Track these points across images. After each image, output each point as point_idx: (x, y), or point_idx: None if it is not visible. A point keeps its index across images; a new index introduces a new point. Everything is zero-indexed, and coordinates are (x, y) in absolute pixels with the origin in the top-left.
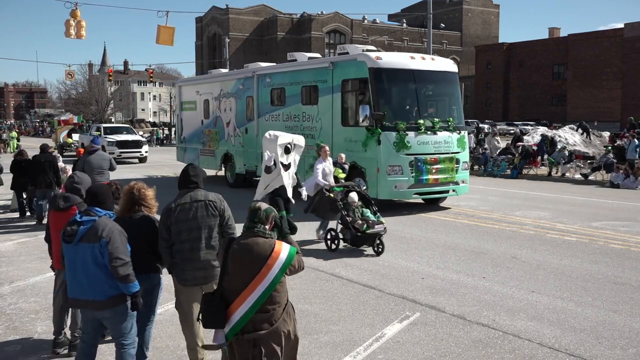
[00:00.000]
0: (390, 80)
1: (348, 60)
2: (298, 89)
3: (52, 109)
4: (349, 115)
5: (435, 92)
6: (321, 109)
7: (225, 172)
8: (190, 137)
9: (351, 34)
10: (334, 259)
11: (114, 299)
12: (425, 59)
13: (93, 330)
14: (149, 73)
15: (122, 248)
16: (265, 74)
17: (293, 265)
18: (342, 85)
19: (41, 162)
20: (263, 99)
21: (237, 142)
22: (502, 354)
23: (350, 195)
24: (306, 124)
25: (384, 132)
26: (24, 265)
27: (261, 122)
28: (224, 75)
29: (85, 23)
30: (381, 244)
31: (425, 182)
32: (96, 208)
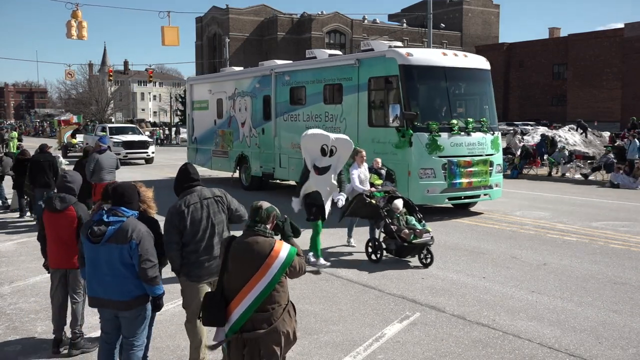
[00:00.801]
0: (421, 78)
1: (376, 57)
2: (320, 87)
3: (52, 109)
4: (376, 115)
5: (468, 91)
6: (345, 108)
7: (239, 174)
8: (202, 137)
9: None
10: (334, 259)
11: (138, 300)
12: (458, 56)
13: (113, 330)
14: (148, 73)
15: (152, 250)
16: (284, 72)
17: (293, 267)
18: (369, 84)
19: (40, 162)
20: (281, 98)
21: (253, 143)
22: (502, 354)
23: (395, 202)
24: (329, 125)
25: (415, 133)
26: (24, 265)
27: (279, 122)
28: (238, 73)
29: (87, 24)
30: (429, 255)
31: (459, 186)
32: (123, 208)
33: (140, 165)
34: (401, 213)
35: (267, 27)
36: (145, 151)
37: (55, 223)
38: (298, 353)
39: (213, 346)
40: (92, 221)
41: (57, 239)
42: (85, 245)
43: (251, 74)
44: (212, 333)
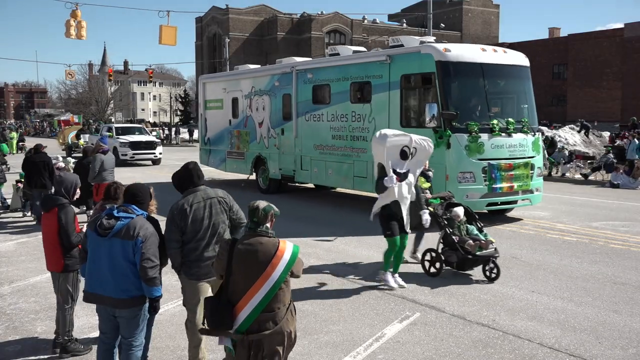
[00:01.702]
0: (460, 75)
1: (410, 53)
2: (346, 85)
3: (52, 109)
4: (410, 115)
5: (507, 89)
6: (375, 107)
7: (256, 177)
8: (215, 138)
9: (351, 34)
10: (334, 259)
11: (135, 300)
12: (497, 52)
13: (111, 330)
14: (148, 73)
15: (155, 251)
16: (306, 69)
17: (295, 267)
18: (401, 81)
19: (35, 163)
20: (303, 97)
21: (272, 144)
22: (502, 354)
23: (455, 210)
24: (356, 125)
25: (454, 134)
26: (24, 265)
27: (301, 123)
28: (256, 71)
29: (86, 23)
30: (496, 268)
31: (499, 190)
32: (133, 206)
33: (144, 166)
34: (461, 222)
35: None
36: (153, 152)
37: (44, 223)
38: (298, 353)
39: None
40: (101, 215)
41: (45, 240)
42: (91, 238)
43: (270, 71)
44: None
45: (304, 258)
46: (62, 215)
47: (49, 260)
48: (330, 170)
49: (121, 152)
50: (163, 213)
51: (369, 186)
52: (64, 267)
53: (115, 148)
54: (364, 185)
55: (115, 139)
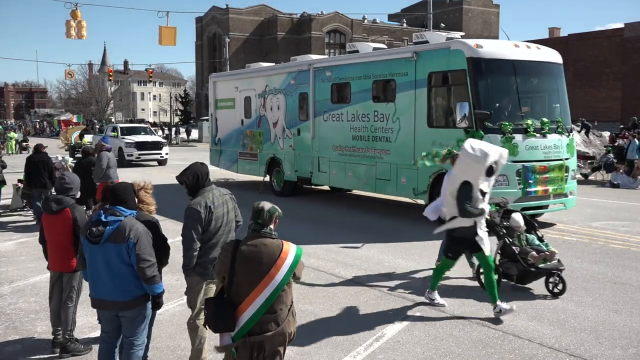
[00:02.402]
0: (492, 72)
1: (438, 49)
2: (368, 83)
3: (52, 109)
4: (438, 115)
5: (541, 87)
6: (399, 107)
7: (270, 179)
8: (226, 138)
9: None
10: (334, 258)
11: (138, 299)
12: (531, 48)
13: (113, 329)
14: (148, 73)
15: (149, 249)
16: (324, 66)
17: (297, 269)
18: (428, 79)
19: (35, 163)
20: (321, 96)
21: (287, 145)
22: (502, 354)
23: (514, 217)
24: (378, 125)
25: (486, 134)
26: (24, 265)
27: (318, 123)
28: (270, 69)
29: (86, 23)
30: (561, 283)
31: (534, 194)
32: (120, 207)
33: (145, 166)
34: (521, 231)
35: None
36: (159, 152)
37: (52, 225)
38: (298, 353)
39: (220, 348)
40: (90, 222)
41: (53, 241)
42: (85, 246)
43: (285, 69)
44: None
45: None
46: (78, 215)
47: (57, 260)
48: (350, 172)
49: (127, 152)
50: (163, 214)
51: (392, 189)
52: (76, 267)
53: (120, 148)
54: (387, 188)
55: (121, 139)
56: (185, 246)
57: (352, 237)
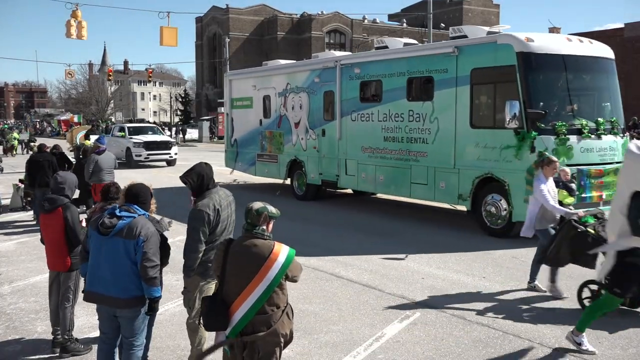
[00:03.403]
0: (544, 68)
1: (483, 43)
2: (402, 81)
3: (52, 109)
4: (482, 114)
5: (594, 85)
6: (438, 105)
7: (291, 182)
8: (243, 139)
9: (351, 34)
10: (334, 259)
11: (136, 300)
12: (583, 42)
13: (112, 330)
14: (148, 73)
15: (156, 251)
16: (352, 63)
17: (290, 270)
18: (472, 76)
19: (39, 162)
20: (349, 94)
21: (310, 146)
22: (502, 354)
23: None
24: (414, 126)
25: (539, 136)
26: (24, 265)
27: (346, 123)
28: (292, 66)
29: (86, 23)
30: None
31: (589, 200)
32: (135, 206)
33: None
34: None
35: (267, 27)
36: (168, 152)
37: (46, 224)
38: (298, 353)
39: (210, 349)
40: (103, 214)
41: (48, 240)
42: (93, 237)
43: (308, 66)
44: (213, 334)
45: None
46: (69, 215)
47: (53, 260)
48: (382, 176)
49: (135, 152)
50: (163, 214)
51: (429, 194)
52: (70, 266)
53: (128, 149)
54: (423, 193)
55: (128, 139)
56: (191, 248)
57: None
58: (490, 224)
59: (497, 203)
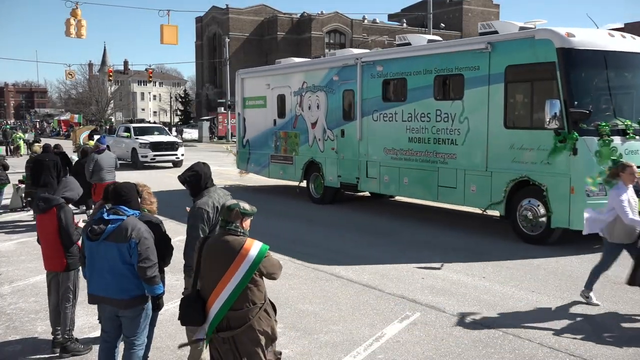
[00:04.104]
0: (586, 65)
1: (519, 39)
2: (429, 79)
3: (52, 109)
4: (518, 114)
5: (636, 82)
6: (469, 105)
7: (307, 184)
8: (256, 140)
9: (351, 34)
10: (334, 258)
11: (137, 299)
12: (626, 38)
13: (113, 329)
14: (148, 73)
15: (151, 249)
16: (374, 61)
17: (264, 267)
18: (506, 73)
19: (44, 162)
20: (370, 93)
21: (328, 148)
22: (502, 354)
23: None
24: (442, 126)
25: (581, 137)
26: (24, 265)
27: (367, 123)
28: (309, 64)
29: (86, 22)
30: None
31: None
32: (123, 207)
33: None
34: None
35: (267, 27)
36: (175, 153)
37: (42, 224)
38: (298, 353)
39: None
40: (93, 220)
41: (44, 240)
42: (86, 244)
43: (327, 64)
44: None
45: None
46: (62, 215)
47: (48, 259)
48: (406, 179)
49: (141, 153)
50: (164, 214)
51: (458, 198)
52: (66, 267)
53: (134, 149)
54: (451, 197)
55: (134, 140)
56: (191, 246)
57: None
58: (526, 230)
59: (534, 208)
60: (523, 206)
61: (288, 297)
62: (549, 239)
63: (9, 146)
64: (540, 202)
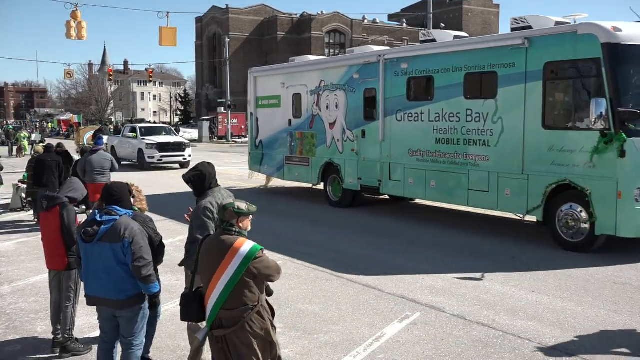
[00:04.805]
0: (636, 62)
1: (560, 34)
2: (458, 77)
3: (52, 109)
4: (559, 114)
5: None
6: (503, 104)
7: (325, 187)
8: (270, 141)
9: (351, 34)
10: (334, 258)
11: (134, 299)
12: None
13: (111, 329)
14: (148, 73)
15: (145, 248)
16: (399, 58)
17: (256, 267)
18: (545, 71)
19: (46, 162)
20: (394, 92)
21: (348, 149)
22: (502, 354)
23: None
24: (472, 126)
25: (629, 138)
26: (24, 265)
27: (390, 123)
28: (327, 62)
29: (86, 24)
30: None
31: None
32: (116, 207)
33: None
34: None
35: (267, 27)
36: (182, 154)
37: (45, 222)
38: (298, 353)
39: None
40: (86, 221)
41: (46, 239)
42: (80, 245)
43: (346, 61)
44: None
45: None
46: (65, 214)
47: (51, 258)
48: (433, 182)
49: (147, 154)
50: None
51: (491, 202)
52: (67, 265)
53: (140, 150)
54: (484, 201)
55: (140, 140)
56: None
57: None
58: (566, 236)
59: (576, 213)
60: (563, 211)
61: (288, 297)
62: (592, 246)
63: (12, 146)
64: (582, 207)
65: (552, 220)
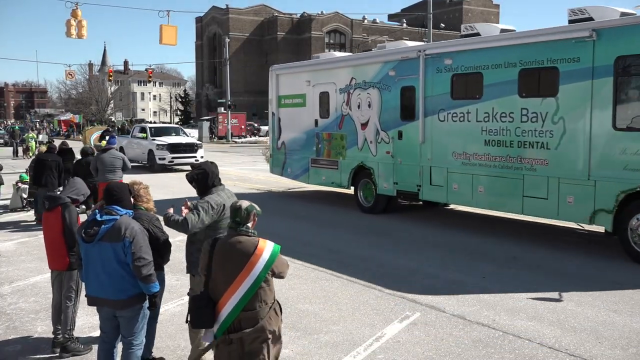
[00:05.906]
0: None
1: (634, 24)
2: (512, 73)
3: (52, 109)
4: (633, 113)
5: None
6: (565, 103)
7: (355, 192)
8: (294, 142)
9: (351, 34)
10: (334, 258)
11: (135, 299)
12: None
13: (112, 329)
14: (148, 73)
15: (145, 248)
16: (442, 53)
17: (276, 266)
18: (616, 66)
19: (47, 162)
20: (436, 90)
21: (382, 151)
22: (502, 354)
23: None
24: (528, 127)
25: None
26: (24, 265)
27: (431, 123)
28: (358, 58)
29: (86, 23)
30: None
31: None
32: (116, 207)
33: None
34: None
35: (267, 27)
36: (194, 155)
37: (47, 222)
38: (298, 353)
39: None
40: (86, 221)
41: (48, 239)
42: (81, 245)
43: (381, 58)
44: None
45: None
46: (67, 214)
47: (52, 258)
48: (482, 187)
49: (158, 155)
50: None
51: (550, 210)
52: (68, 265)
53: (150, 151)
54: (542, 209)
55: (151, 141)
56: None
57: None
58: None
59: None
60: (637, 222)
61: (288, 297)
62: None
63: (18, 147)
64: None
65: (624, 230)
